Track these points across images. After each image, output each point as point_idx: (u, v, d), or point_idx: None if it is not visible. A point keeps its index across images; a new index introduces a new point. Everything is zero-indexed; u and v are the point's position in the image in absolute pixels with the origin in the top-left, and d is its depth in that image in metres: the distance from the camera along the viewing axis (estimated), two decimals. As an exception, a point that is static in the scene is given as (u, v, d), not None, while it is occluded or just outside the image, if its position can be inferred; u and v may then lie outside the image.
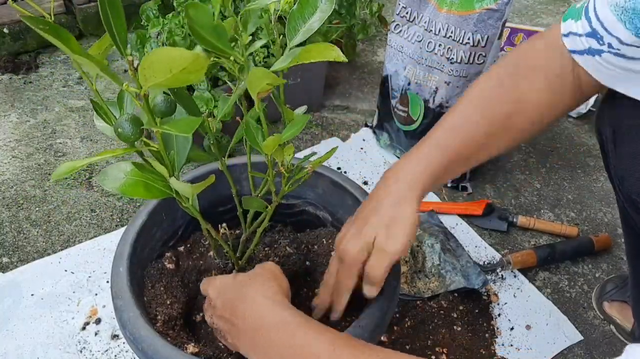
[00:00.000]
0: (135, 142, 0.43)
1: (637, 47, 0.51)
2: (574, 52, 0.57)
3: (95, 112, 0.47)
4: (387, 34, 1.17)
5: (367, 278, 0.59)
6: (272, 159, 0.52)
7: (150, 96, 0.42)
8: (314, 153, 0.58)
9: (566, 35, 0.58)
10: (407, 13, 1.10)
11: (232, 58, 0.44)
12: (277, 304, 0.54)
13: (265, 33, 0.50)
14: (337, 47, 0.42)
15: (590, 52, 0.55)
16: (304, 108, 0.54)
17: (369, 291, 0.59)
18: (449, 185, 1.19)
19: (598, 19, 0.53)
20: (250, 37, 0.45)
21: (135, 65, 0.35)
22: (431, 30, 1.06)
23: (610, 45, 0.53)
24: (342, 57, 0.41)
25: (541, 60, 0.61)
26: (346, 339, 0.51)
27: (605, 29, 0.52)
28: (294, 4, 0.46)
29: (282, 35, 0.48)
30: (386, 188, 0.60)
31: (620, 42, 0.51)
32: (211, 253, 0.67)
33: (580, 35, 0.56)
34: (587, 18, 0.54)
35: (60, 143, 1.28)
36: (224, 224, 0.60)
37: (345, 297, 0.61)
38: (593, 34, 0.54)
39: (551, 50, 0.60)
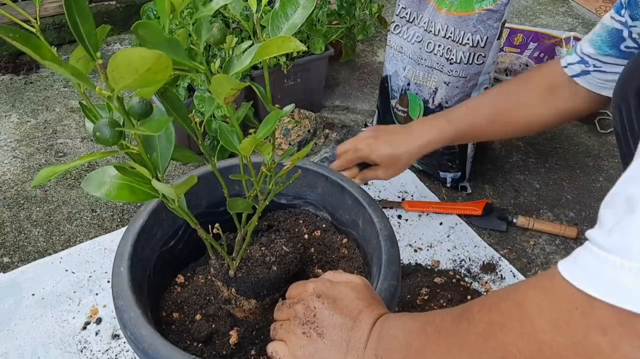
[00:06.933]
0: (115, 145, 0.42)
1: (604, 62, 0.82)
2: (574, 76, 0.86)
3: (85, 115, 0.46)
4: (386, 35, 1.17)
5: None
6: (250, 160, 0.52)
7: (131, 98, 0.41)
8: (293, 150, 0.59)
9: (565, 67, 0.87)
10: (406, 14, 1.11)
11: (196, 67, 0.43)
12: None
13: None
14: (294, 38, 0.40)
15: (583, 73, 0.85)
16: (291, 106, 0.54)
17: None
18: (448, 185, 1.20)
19: (582, 52, 0.84)
20: (237, 39, 0.45)
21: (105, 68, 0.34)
22: (431, 31, 1.07)
23: (594, 66, 0.83)
24: (301, 47, 0.40)
25: (543, 79, 0.91)
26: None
27: (588, 56, 0.84)
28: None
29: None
30: (405, 132, 0.95)
31: (595, 59, 0.83)
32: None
33: (573, 63, 0.86)
34: (575, 52, 0.86)
35: (61, 143, 1.28)
36: (216, 224, 0.60)
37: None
38: (582, 61, 0.85)
39: (551, 74, 0.89)
